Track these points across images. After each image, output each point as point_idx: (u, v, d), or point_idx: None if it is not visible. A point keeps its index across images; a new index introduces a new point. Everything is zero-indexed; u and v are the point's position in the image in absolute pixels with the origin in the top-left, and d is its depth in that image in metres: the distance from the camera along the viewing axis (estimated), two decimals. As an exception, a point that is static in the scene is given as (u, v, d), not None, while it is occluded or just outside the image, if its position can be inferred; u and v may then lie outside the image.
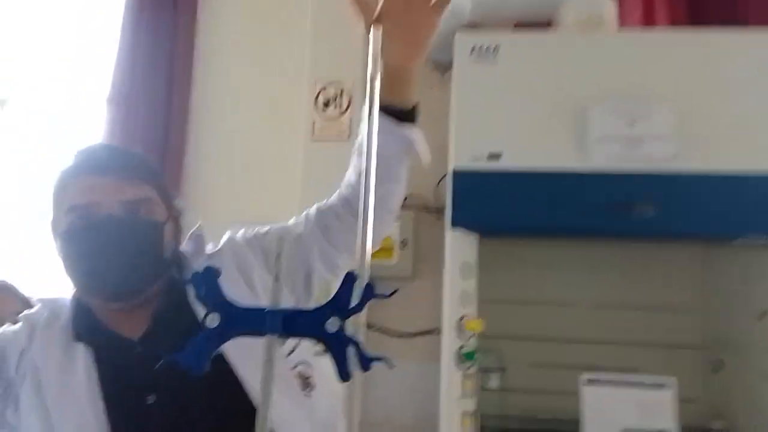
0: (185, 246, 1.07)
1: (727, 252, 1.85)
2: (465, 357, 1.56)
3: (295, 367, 0.97)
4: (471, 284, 1.63)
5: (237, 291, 0.95)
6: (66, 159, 1.00)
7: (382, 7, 0.86)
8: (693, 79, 1.66)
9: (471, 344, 1.59)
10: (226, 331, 0.52)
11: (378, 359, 0.52)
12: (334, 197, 1.09)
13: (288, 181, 2.21)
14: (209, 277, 0.54)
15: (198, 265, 1.02)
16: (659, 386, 1.50)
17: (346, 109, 2.15)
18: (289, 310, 0.52)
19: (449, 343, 1.59)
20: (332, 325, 0.51)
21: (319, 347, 0.53)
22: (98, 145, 1.05)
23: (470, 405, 1.56)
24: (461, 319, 1.60)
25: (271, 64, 2.43)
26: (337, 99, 2.15)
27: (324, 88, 2.16)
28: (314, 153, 2.14)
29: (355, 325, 0.52)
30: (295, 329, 0.53)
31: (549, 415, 1.82)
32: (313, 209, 1.11)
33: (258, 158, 2.39)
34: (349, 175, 1.07)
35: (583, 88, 1.68)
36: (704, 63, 1.67)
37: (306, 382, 0.97)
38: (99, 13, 2.58)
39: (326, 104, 2.16)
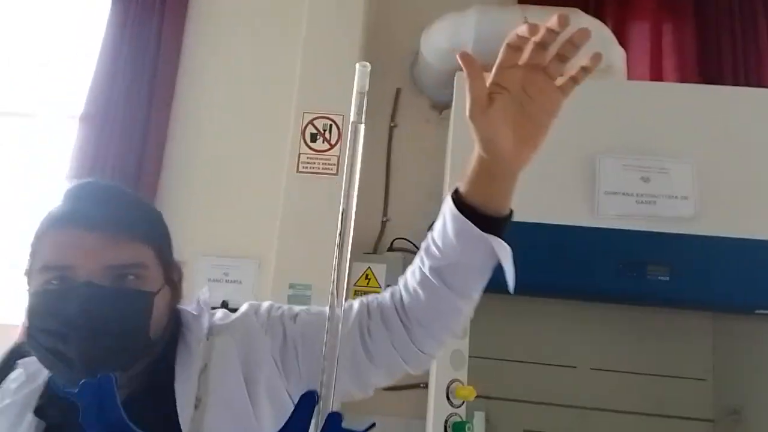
0: (192, 309, 0.89)
1: (741, 321, 1.71)
2: (454, 429, 1.39)
3: None
4: (463, 344, 1.47)
5: (227, 388, 0.78)
6: (53, 198, 0.82)
7: (495, 81, 0.69)
8: (711, 137, 1.55)
9: (461, 413, 1.42)
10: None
11: None
12: (386, 297, 0.86)
13: (269, 213, 2.06)
14: (103, 393, 0.38)
15: (196, 340, 0.84)
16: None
17: (336, 144, 2.01)
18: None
19: (437, 411, 1.43)
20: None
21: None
22: (89, 188, 0.82)
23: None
24: (451, 383, 1.44)
25: (258, 93, 2.30)
26: (326, 133, 2.02)
27: (312, 121, 2.03)
28: (298, 186, 2.00)
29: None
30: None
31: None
32: (357, 303, 0.88)
33: (238, 189, 2.24)
34: (410, 278, 0.85)
35: (592, 137, 1.56)
36: (721, 121, 1.57)
37: None
38: (78, 26, 2.44)
39: (314, 138, 2.02)
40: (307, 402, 0.38)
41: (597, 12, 2.11)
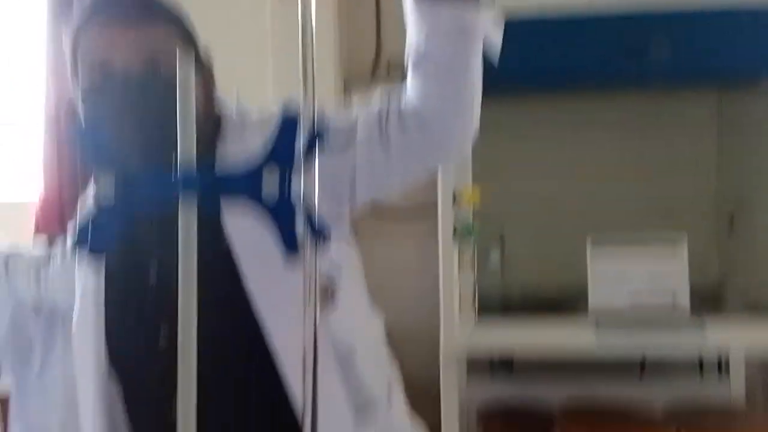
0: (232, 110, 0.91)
1: (744, 99, 1.68)
2: (463, 231, 1.45)
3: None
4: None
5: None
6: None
7: None
8: None
9: (468, 217, 1.47)
10: (126, 203, 0.39)
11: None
12: (402, 103, 0.83)
13: (257, 50, 1.99)
14: (95, 129, 0.40)
15: (232, 140, 0.86)
16: (670, 242, 1.39)
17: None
18: (207, 168, 0.39)
19: (445, 217, 1.48)
20: (269, 182, 0.38)
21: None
22: None
23: (469, 281, 1.47)
24: (456, 188, 1.48)
25: None
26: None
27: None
28: (284, 18, 1.92)
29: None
30: (222, 190, 0.39)
31: (552, 289, 1.70)
32: (377, 105, 0.85)
33: (222, 25, 2.14)
34: (411, 84, 0.81)
35: None
36: None
37: (326, 301, 0.78)
38: None
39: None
40: (289, 124, 0.39)
41: None
